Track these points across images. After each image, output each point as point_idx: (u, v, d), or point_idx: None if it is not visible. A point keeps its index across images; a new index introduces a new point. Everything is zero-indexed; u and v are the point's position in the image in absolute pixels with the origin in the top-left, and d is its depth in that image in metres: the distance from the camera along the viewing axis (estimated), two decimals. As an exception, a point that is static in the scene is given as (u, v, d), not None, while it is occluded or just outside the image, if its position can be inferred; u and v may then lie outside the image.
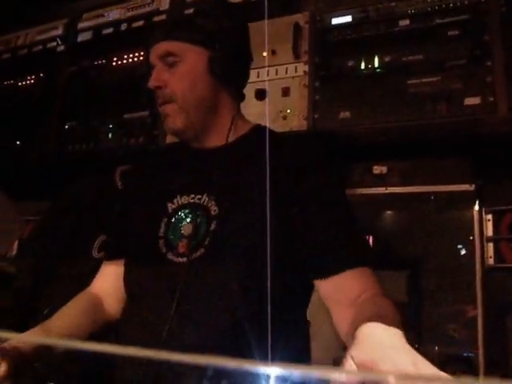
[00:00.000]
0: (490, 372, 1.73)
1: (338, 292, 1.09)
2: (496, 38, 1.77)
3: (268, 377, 0.51)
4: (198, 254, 1.14)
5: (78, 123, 2.36)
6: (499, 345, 1.80)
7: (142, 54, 2.27)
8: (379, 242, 1.91)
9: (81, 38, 2.47)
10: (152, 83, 1.25)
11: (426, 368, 0.66)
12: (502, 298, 1.83)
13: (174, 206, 1.22)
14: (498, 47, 1.76)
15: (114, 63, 2.35)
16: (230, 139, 1.27)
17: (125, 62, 2.32)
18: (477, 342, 1.76)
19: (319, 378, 0.50)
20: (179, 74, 1.23)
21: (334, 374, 0.49)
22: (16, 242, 2.31)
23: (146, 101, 2.20)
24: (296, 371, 0.49)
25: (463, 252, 1.85)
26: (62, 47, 2.50)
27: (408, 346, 0.70)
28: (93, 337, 1.28)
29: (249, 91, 1.54)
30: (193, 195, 1.21)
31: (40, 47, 2.57)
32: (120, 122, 2.25)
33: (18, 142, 2.51)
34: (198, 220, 1.17)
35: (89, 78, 2.40)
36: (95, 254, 1.89)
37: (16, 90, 2.59)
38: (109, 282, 1.36)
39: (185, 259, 1.14)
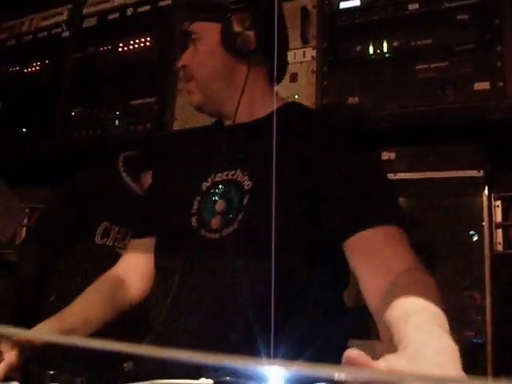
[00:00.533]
0: (498, 358, 1.73)
1: (367, 251, 1.03)
2: (506, 22, 1.75)
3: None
4: (231, 229, 1.13)
5: (84, 110, 2.35)
6: (508, 330, 1.79)
7: (148, 39, 2.25)
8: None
9: (86, 23, 2.45)
10: (179, 63, 1.33)
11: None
12: (510, 284, 1.83)
13: (208, 184, 1.23)
14: (509, 31, 1.74)
15: (120, 49, 2.33)
16: (262, 114, 1.27)
17: (131, 47, 2.30)
18: (486, 328, 1.76)
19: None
20: (197, 51, 1.27)
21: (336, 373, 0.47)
22: (23, 230, 2.32)
23: (153, 87, 2.19)
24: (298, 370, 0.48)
25: (472, 238, 1.84)
26: (68, 33, 2.48)
27: (452, 366, 0.64)
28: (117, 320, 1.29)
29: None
30: (227, 172, 1.21)
31: (45, 33, 2.55)
32: (127, 109, 2.24)
33: (23, 129, 2.50)
34: (232, 196, 1.17)
35: (95, 64, 2.38)
36: (98, 240, 1.89)
37: (21, 77, 2.58)
38: (135, 262, 1.37)
39: (217, 235, 1.14)
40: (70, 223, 1.93)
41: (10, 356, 1.06)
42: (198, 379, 0.86)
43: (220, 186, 1.20)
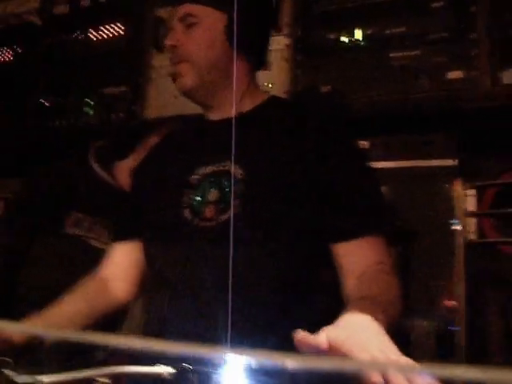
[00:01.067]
0: (471, 346, 1.74)
1: (353, 259, 1.11)
2: (482, 10, 1.74)
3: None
4: (227, 215, 1.14)
5: (56, 98, 2.31)
6: (480, 319, 1.81)
7: (120, 26, 2.22)
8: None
9: (57, 10, 2.41)
10: (168, 41, 1.27)
11: (392, 354, 0.70)
12: (482, 273, 1.84)
13: (197, 177, 1.22)
14: (484, 19, 1.73)
15: (92, 36, 2.29)
16: (246, 108, 1.27)
17: (103, 35, 2.26)
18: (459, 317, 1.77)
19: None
20: (196, 35, 1.24)
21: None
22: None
23: (125, 75, 2.16)
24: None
25: (446, 227, 1.84)
26: (39, 20, 2.43)
27: (381, 336, 0.75)
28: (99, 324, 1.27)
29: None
30: (217, 164, 1.21)
31: (16, 20, 2.50)
32: (100, 97, 2.20)
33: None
34: (224, 185, 1.18)
35: (66, 51, 2.34)
36: (69, 230, 1.87)
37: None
38: (120, 266, 1.35)
39: (213, 223, 1.15)
40: (39, 213, 1.90)
41: None
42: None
43: (211, 178, 1.21)
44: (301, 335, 0.71)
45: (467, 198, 1.86)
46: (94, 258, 1.39)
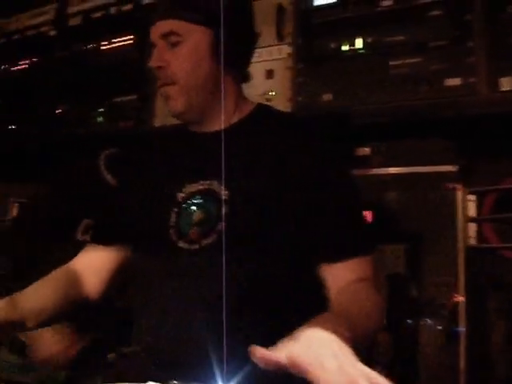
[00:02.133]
0: (471, 348, 1.76)
1: (337, 278, 1.11)
2: (478, 18, 1.76)
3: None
4: (210, 240, 1.15)
5: (69, 107, 2.38)
6: (481, 323, 1.82)
7: (129, 37, 2.28)
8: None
9: (71, 22, 2.48)
10: (153, 63, 1.22)
11: (347, 359, 0.71)
12: (483, 277, 1.85)
13: (182, 195, 1.22)
14: (481, 27, 1.75)
15: (104, 47, 2.36)
16: (234, 120, 1.26)
17: (114, 45, 2.32)
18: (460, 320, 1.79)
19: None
20: (182, 54, 1.20)
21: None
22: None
23: (134, 84, 2.22)
24: None
25: (447, 232, 1.86)
26: (54, 32, 2.51)
27: (342, 352, 0.74)
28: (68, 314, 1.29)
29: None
30: (201, 181, 1.21)
31: (32, 32, 2.58)
32: (110, 106, 2.27)
33: (12, 127, 2.54)
34: (209, 206, 1.17)
35: (79, 61, 2.41)
36: (79, 236, 1.92)
37: (9, 75, 2.62)
38: (93, 262, 1.35)
39: (196, 246, 1.16)
40: (53, 220, 1.96)
41: None
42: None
43: (196, 197, 1.20)
44: (260, 352, 0.71)
45: (468, 204, 1.88)
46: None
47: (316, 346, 0.74)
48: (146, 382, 0.88)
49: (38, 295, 1.25)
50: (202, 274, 1.14)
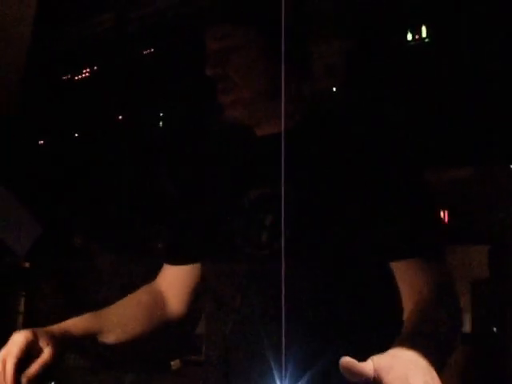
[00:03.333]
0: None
1: (411, 279, 1.08)
2: None
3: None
4: (278, 244, 1.10)
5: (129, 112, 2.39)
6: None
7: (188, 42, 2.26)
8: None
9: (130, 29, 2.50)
10: (209, 71, 1.15)
11: None
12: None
13: (250, 199, 1.18)
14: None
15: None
16: (296, 120, 1.19)
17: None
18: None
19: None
20: (239, 60, 1.15)
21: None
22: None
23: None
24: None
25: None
26: (114, 39, 2.53)
27: (428, 373, 0.73)
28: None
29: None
30: (269, 185, 1.17)
31: (92, 40, 2.62)
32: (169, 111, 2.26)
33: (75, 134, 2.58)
34: (274, 210, 1.14)
35: (139, 67, 2.42)
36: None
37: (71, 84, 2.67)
38: (174, 282, 1.33)
39: (267, 251, 1.12)
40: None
41: (46, 353, 1.06)
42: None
43: (264, 201, 1.16)
44: (347, 361, 0.70)
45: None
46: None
47: (404, 363, 0.73)
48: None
49: (123, 310, 1.26)
50: (274, 280, 1.10)
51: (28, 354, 1.04)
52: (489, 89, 1.73)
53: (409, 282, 1.07)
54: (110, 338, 1.20)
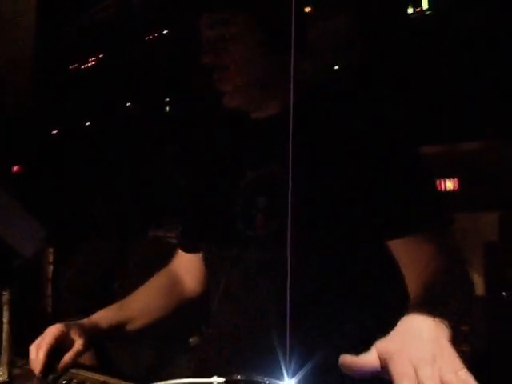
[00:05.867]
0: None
1: (411, 255, 1.08)
2: None
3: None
4: (277, 224, 1.12)
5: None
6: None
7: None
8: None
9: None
10: (206, 59, 1.15)
11: (447, 364, 0.65)
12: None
13: (245, 181, 1.19)
14: None
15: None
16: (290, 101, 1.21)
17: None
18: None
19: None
20: (235, 47, 1.14)
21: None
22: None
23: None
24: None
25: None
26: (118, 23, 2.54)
27: (442, 340, 0.70)
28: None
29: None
30: (263, 167, 1.18)
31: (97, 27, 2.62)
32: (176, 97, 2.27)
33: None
34: (273, 191, 1.15)
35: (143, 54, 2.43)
36: (151, 232, 1.96)
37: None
38: (189, 264, 1.37)
39: (263, 231, 1.14)
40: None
41: (78, 343, 1.14)
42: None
43: (259, 182, 1.17)
44: (348, 360, 0.68)
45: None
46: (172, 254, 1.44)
47: (411, 341, 0.70)
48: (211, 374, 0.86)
49: (145, 300, 1.33)
50: (271, 260, 1.12)
51: (61, 345, 1.11)
52: (491, 63, 1.71)
53: (411, 258, 1.07)
54: (136, 324, 1.28)
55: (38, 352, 1.09)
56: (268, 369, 0.89)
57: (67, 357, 1.11)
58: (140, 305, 1.32)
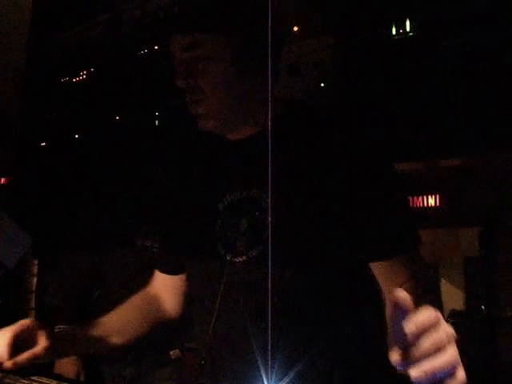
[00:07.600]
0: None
1: (390, 275, 1.11)
2: None
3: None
4: (257, 251, 1.12)
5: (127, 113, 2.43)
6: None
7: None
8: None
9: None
10: (179, 83, 1.13)
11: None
12: None
13: (224, 205, 1.19)
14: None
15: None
16: (267, 123, 1.12)
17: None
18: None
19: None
20: (208, 70, 1.12)
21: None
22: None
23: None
24: None
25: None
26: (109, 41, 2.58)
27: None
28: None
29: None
30: (242, 190, 1.17)
31: (88, 43, 2.66)
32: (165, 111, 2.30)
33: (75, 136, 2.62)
34: (253, 215, 1.14)
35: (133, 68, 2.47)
36: (138, 242, 1.95)
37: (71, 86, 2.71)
38: (167, 285, 1.37)
39: (244, 257, 1.14)
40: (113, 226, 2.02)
41: (40, 346, 1.12)
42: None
43: (238, 206, 1.16)
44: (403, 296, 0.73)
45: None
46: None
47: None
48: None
49: (122, 317, 1.34)
50: (252, 286, 1.13)
51: (25, 342, 1.11)
52: (473, 82, 1.75)
53: (390, 279, 1.09)
54: (111, 341, 1.29)
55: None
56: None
57: (22, 356, 1.10)
58: (116, 324, 1.32)
